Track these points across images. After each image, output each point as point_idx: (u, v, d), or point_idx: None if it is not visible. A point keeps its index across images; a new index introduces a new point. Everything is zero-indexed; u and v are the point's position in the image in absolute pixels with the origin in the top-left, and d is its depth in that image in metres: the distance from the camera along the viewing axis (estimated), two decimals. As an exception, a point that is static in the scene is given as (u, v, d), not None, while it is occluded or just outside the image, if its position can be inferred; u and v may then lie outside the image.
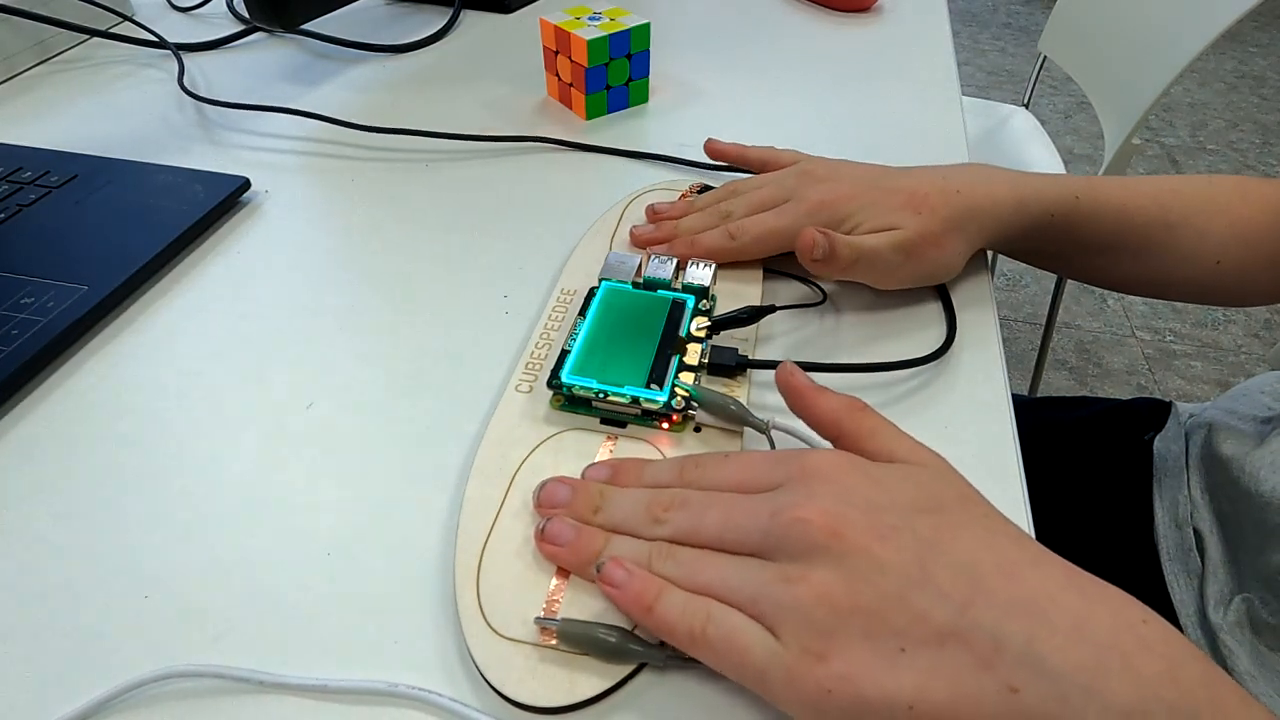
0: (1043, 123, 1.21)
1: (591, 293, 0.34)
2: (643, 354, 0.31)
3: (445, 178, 0.47)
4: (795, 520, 0.23)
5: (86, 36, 0.63)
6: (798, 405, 0.28)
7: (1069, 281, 1.03)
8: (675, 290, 0.34)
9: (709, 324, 0.32)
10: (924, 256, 0.36)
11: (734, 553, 0.24)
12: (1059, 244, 0.40)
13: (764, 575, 0.22)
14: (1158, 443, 0.52)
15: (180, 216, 0.41)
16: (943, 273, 0.38)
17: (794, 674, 0.21)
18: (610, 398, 0.30)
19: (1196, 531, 0.46)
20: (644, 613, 0.23)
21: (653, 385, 0.30)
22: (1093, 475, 0.53)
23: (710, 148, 0.45)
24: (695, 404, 0.29)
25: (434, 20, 0.68)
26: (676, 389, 0.30)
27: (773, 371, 0.31)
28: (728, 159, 0.45)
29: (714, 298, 0.35)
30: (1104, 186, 0.41)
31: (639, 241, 0.39)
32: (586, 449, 0.29)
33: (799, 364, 0.31)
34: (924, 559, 0.22)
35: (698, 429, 0.30)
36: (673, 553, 0.24)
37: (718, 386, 0.31)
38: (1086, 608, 0.21)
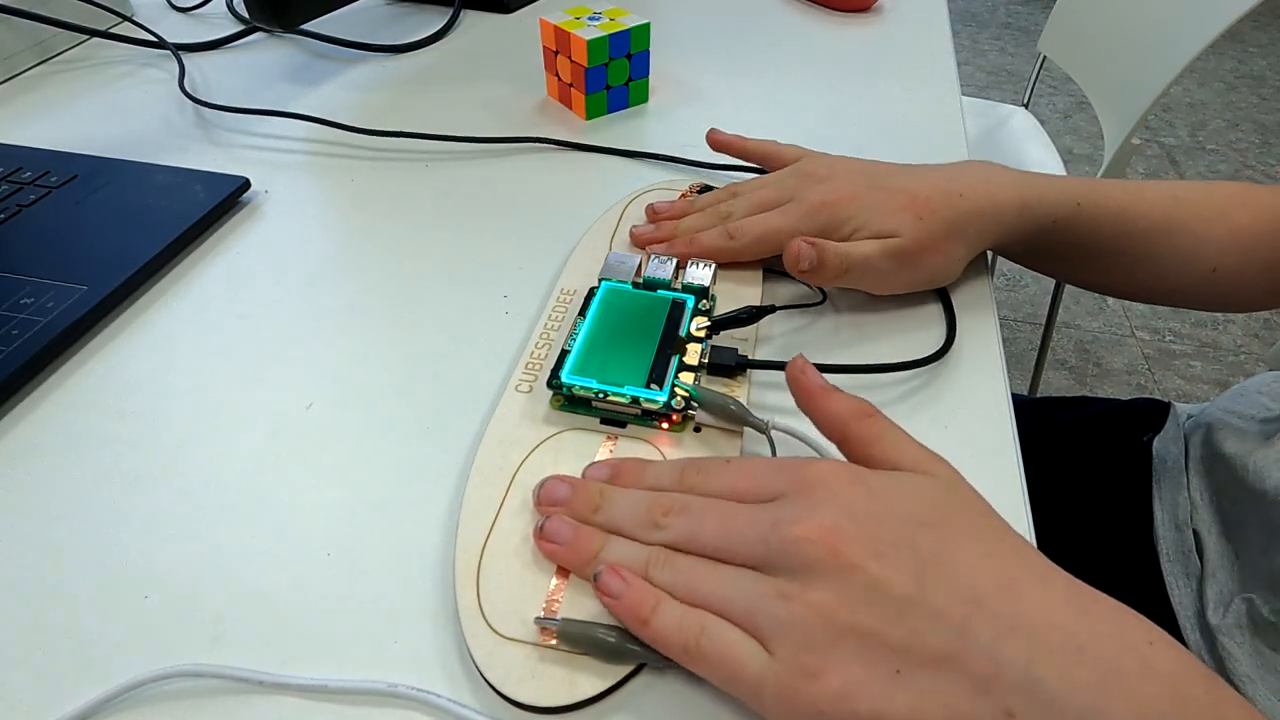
0: (1042, 123, 1.21)
1: (591, 293, 0.34)
2: (642, 354, 0.31)
3: (445, 178, 0.47)
4: (794, 537, 0.22)
5: (86, 37, 0.63)
6: (806, 404, 0.27)
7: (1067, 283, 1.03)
8: (675, 290, 0.34)
9: (709, 324, 0.32)
10: (921, 263, 0.36)
11: (732, 563, 0.24)
12: (1060, 248, 0.40)
13: (761, 589, 0.22)
14: (1156, 444, 0.52)
15: (180, 217, 0.41)
16: (941, 278, 0.37)
17: (787, 690, 0.21)
18: (610, 398, 0.30)
19: (1196, 533, 0.46)
20: (640, 624, 0.23)
21: (652, 385, 0.30)
22: (1092, 476, 0.53)
23: (712, 138, 0.45)
24: (695, 404, 0.29)
25: (434, 20, 0.68)
26: (676, 389, 0.30)
27: (773, 372, 0.31)
28: (729, 150, 0.45)
29: (714, 298, 0.35)
30: (1106, 191, 0.40)
31: (639, 241, 0.39)
32: (586, 449, 0.29)
33: (799, 364, 0.31)
34: (923, 577, 0.22)
35: (697, 429, 0.30)
36: (671, 560, 0.24)
37: (718, 386, 0.31)
38: (1089, 628, 0.21)
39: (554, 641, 0.23)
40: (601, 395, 0.30)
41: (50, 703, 0.23)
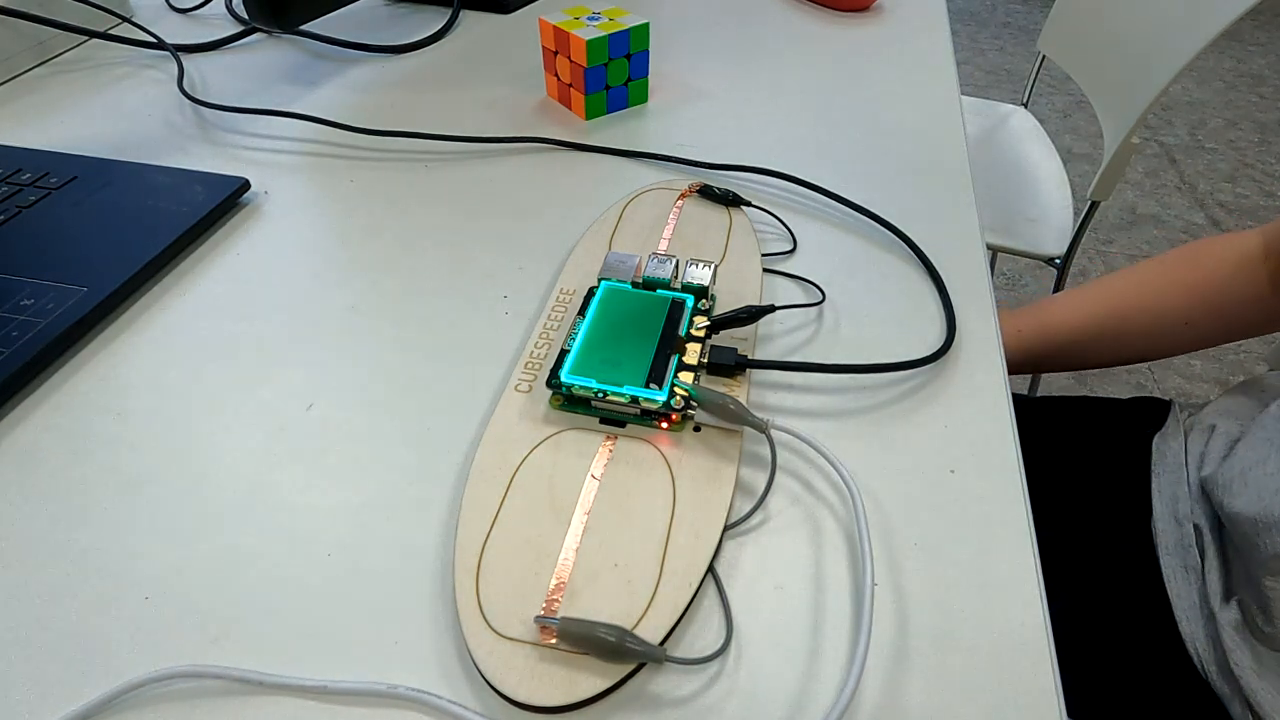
0: (1042, 122, 1.21)
1: (591, 292, 0.34)
2: (642, 353, 0.31)
3: (445, 178, 0.47)
4: None
5: (86, 38, 0.63)
6: None
7: (1069, 281, 1.03)
8: (675, 290, 0.34)
9: (708, 323, 0.32)
10: None
11: None
12: (1036, 366, 0.46)
13: None
14: (1156, 439, 0.52)
15: (179, 218, 0.41)
16: None
17: None
18: (609, 397, 0.30)
19: (1197, 527, 0.46)
20: None
21: (652, 385, 0.30)
22: (1092, 474, 0.54)
23: None
24: (694, 403, 0.29)
25: (433, 20, 0.68)
26: (675, 388, 0.30)
27: (772, 372, 0.30)
28: None
29: (714, 297, 0.35)
30: (1045, 312, 0.45)
31: None
32: (586, 449, 0.29)
33: (798, 364, 0.31)
34: None
35: (697, 429, 0.30)
36: None
37: (717, 386, 0.31)
38: None
39: (554, 641, 0.23)
40: (601, 395, 0.30)
41: (50, 703, 0.23)
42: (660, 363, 0.31)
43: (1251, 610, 0.41)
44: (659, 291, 0.34)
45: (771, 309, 0.33)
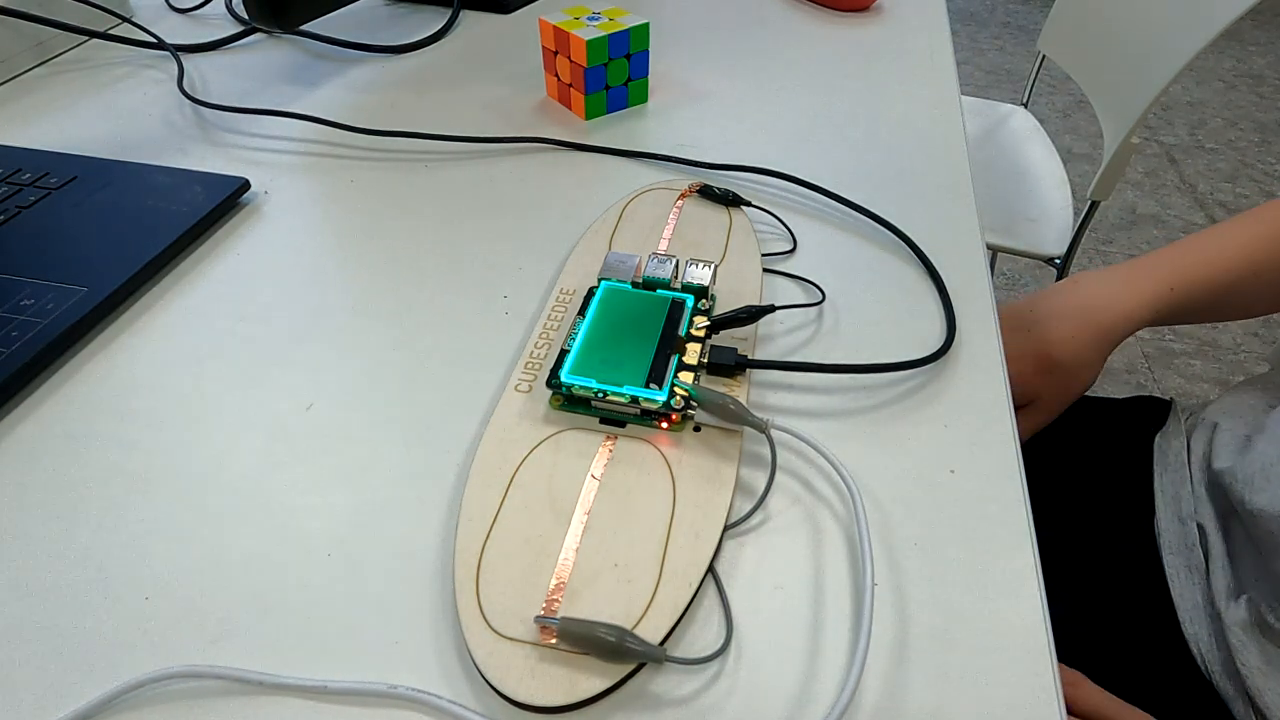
0: (1042, 122, 1.21)
1: (591, 292, 0.34)
2: (642, 353, 0.31)
3: (445, 178, 0.47)
4: None
5: (86, 38, 0.63)
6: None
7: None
8: (675, 290, 0.34)
9: (708, 323, 0.32)
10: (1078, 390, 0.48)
11: None
12: (1175, 321, 0.48)
13: None
14: (1158, 439, 0.52)
15: (179, 218, 0.41)
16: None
17: None
18: (609, 397, 0.30)
19: (1200, 527, 0.46)
20: None
21: (652, 385, 0.30)
22: (1093, 473, 0.53)
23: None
24: (694, 403, 0.29)
25: (433, 20, 0.68)
26: (675, 388, 0.30)
27: (772, 372, 0.30)
28: None
29: (713, 297, 0.35)
30: (1190, 260, 0.47)
31: None
32: (586, 449, 0.29)
33: (798, 364, 0.31)
34: None
35: (697, 429, 0.30)
36: None
37: (717, 386, 0.31)
38: None
39: (554, 641, 0.23)
40: (601, 395, 0.30)
41: (50, 703, 0.23)
42: (660, 363, 0.31)
43: (1262, 608, 0.41)
44: (659, 291, 0.34)
45: (771, 309, 0.33)
